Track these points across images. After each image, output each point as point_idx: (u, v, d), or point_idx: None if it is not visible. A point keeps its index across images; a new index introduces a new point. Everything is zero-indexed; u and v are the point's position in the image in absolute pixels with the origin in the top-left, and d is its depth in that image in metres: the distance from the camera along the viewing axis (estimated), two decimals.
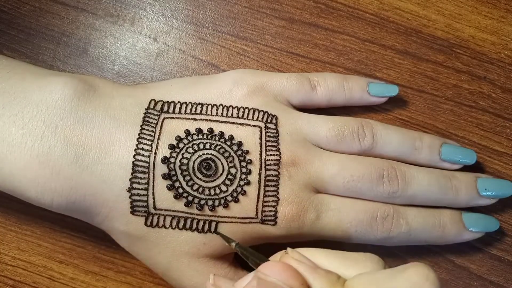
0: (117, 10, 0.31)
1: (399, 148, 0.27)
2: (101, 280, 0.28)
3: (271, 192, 0.24)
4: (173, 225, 0.24)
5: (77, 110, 0.23)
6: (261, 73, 0.28)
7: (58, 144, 0.22)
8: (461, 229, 0.27)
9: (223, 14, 0.31)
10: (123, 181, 0.23)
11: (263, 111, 0.26)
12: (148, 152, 0.23)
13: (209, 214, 0.24)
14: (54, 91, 0.23)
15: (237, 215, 0.24)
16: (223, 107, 0.26)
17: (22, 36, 0.30)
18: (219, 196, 0.24)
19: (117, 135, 0.23)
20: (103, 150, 0.23)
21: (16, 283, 0.28)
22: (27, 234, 0.28)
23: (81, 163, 0.23)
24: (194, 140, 0.24)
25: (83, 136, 0.23)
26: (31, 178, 0.22)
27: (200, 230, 0.24)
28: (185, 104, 0.25)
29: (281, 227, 0.24)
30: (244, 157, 0.24)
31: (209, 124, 0.25)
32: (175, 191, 0.24)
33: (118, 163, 0.23)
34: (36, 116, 0.23)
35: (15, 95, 0.23)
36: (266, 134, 0.25)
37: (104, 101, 0.24)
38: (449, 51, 0.31)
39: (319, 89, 0.28)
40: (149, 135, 0.24)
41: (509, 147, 0.30)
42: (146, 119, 0.24)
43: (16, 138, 0.22)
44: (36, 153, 0.22)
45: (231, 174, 0.24)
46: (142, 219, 0.23)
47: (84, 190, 0.23)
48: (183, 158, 0.24)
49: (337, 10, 0.31)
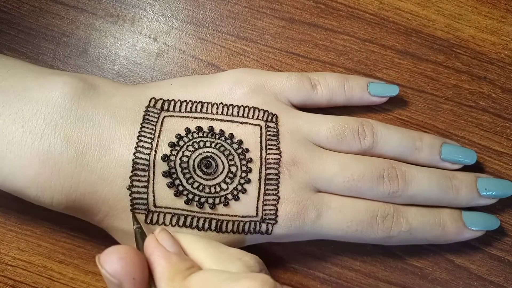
0: (117, 10, 0.31)
1: (399, 148, 0.27)
2: (101, 280, 0.28)
3: (271, 191, 0.24)
4: (173, 222, 0.24)
5: (77, 108, 0.23)
6: (262, 72, 0.28)
7: (58, 142, 0.22)
8: (461, 227, 0.27)
9: (223, 14, 0.31)
10: (123, 179, 0.23)
11: (263, 110, 0.26)
12: (149, 150, 0.23)
13: (209, 212, 0.24)
14: (54, 90, 0.23)
15: (237, 213, 0.24)
16: (224, 106, 0.26)
17: (22, 36, 0.30)
18: (220, 194, 0.24)
19: (117, 133, 0.23)
20: (103, 148, 0.23)
21: (16, 283, 0.28)
22: (27, 234, 0.28)
23: (81, 161, 0.23)
24: (195, 138, 0.24)
25: (83, 134, 0.23)
26: (32, 177, 0.22)
27: (200, 228, 0.24)
28: (185, 103, 0.25)
29: (281, 226, 0.24)
30: (245, 155, 0.24)
31: (209, 123, 0.25)
32: (175, 188, 0.24)
33: (118, 161, 0.23)
34: (36, 114, 0.23)
35: (15, 94, 0.23)
36: (267, 133, 0.25)
37: (104, 100, 0.24)
38: (449, 51, 0.31)
39: (319, 88, 0.28)
40: (149, 133, 0.24)
41: (509, 147, 0.30)
42: (146, 117, 0.24)
43: (16, 136, 0.22)
44: (36, 152, 0.22)
45: (231, 172, 0.24)
46: (142, 217, 0.24)
47: (84, 188, 0.23)
48: (184, 156, 0.24)
49: (337, 10, 0.31)
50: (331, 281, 0.29)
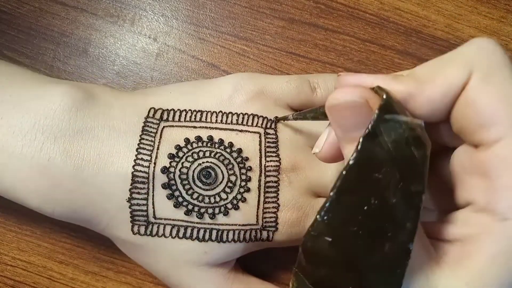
0: (117, 10, 0.31)
1: None
2: (101, 280, 0.28)
3: (271, 198, 0.24)
4: (173, 234, 0.24)
5: (75, 120, 0.23)
6: (261, 77, 0.27)
7: (57, 157, 0.22)
8: None
9: (223, 14, 0.31)
10: (122, 191, 0.23)
11: (262, 116, 0.26)
12: (148, 163, 0.23)
13: (209, 222, 0.24)
14: (52, 101, 0.23)
15: (237, 222, 0.24)
16: (223, 114, 0.25)
17: (22, 36, 0.30)
18: (219, 204, 0.24)
19: (116, 146, 0.23)
20: (102, 161, 0.23)
21: (16, 283, 0.28)
22: (27, 234, 0.28)
23: (81, 175, 0.23)
24: (194, 149, 0.24)
25: (82, 147, 0.23)
26: (32, 189, 0.23)
27: (201, 239, 0.24)
28: (184, 112, 0.25)
29: (282, 232, 0.24)
30: (244, 164, 0.24)
31: (208, 132, 0.25)
32: (175, 200, 0.23)
33: (117, 175, 0.23)
34: (34, 126, 0.22)
35: (13, 104, 0.23)
36: (266, 140, 0.25)
37: (103, 111, 0.24)
38: (449, 51, 0.31)
39: (319, 91, 0.27)
40: (148, 145, 0.24)
41: None
42: (145, 129, 0.24)
43: (16, 149, 0.22)
44: (36, 165, 0.22)
45: (231, 181, 0.24)
46: (142, 228, 0.24)
47: (84, 201, 0.23)
48: (183, 167, 0.24)
49: (337, 10, 0.31)
50: None
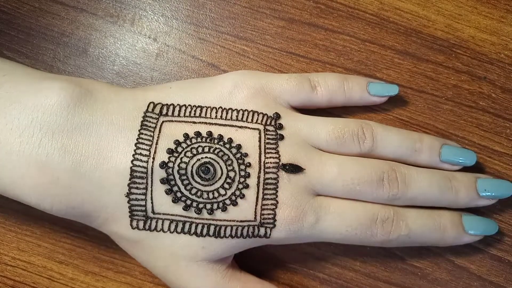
0: (117, 10, 0.31)
1: (399, 150, 0.27)
2: (101, 280, 0.28)
3: (270, 195, 0.24)
4: (171, 229, 0.24)
5: (73, 116, 0.23)
6: (261, 75, 0.27)
7: (55, 152, 0.22)
8: (460, 232, 0.27)
9: (223, 14, 0.31)
10: (121, 187, 0.23)
11: (262, 113, 0.26)
12: (146, 157, 0.23)
13: (207, 217, 0.24)
14: (50, 96, 0.23)
15: (235, 219, 0.24)
16: (223, 110, 0.25)
17: (22, 36, 0.30)
18: (218, 200, 0.24)
19: (115, 141, 0.23)
20: (101, 156, 0.23)
21: (16, 283, 0.28)
22: (27, 234, 0.28)
23: (79, 170, 0.23)
24: (193, 144, 0.24)
25: (80, 143, 0.23)
26: (31, 186, 0.23)
27: (199, 234, 0.24)
28: (184, 107, 0.25)
29: (280, 230, 0.24)
30: (243, 160, 0.24)
31: (208, 127, 0.25)
32: (173, 195, 0.23)
33: (116, 170, 0.23)
34: (32, 122, 0.22)
35: (10, 101, 0.23)
36: (266, 137, 0.25)
37: (101, 106, 0.24)
38: (449, 51, 0.31)
39: (319, 89, 0.28)
40: (147, 139, 0.24)
41: (509, 148, 0.30)
42: (144, 123, 0.24)
43: (14, 146, 0.22)
44: (34, 161, 0.22)
45: (229, 177, 0.24)
46: (141, 223, 0.24)
47: (82, 197, 0.23)
48: (182, 163, 0.24)
49: (337, 10, 0.31)
50: (331, 281, 0.29)
